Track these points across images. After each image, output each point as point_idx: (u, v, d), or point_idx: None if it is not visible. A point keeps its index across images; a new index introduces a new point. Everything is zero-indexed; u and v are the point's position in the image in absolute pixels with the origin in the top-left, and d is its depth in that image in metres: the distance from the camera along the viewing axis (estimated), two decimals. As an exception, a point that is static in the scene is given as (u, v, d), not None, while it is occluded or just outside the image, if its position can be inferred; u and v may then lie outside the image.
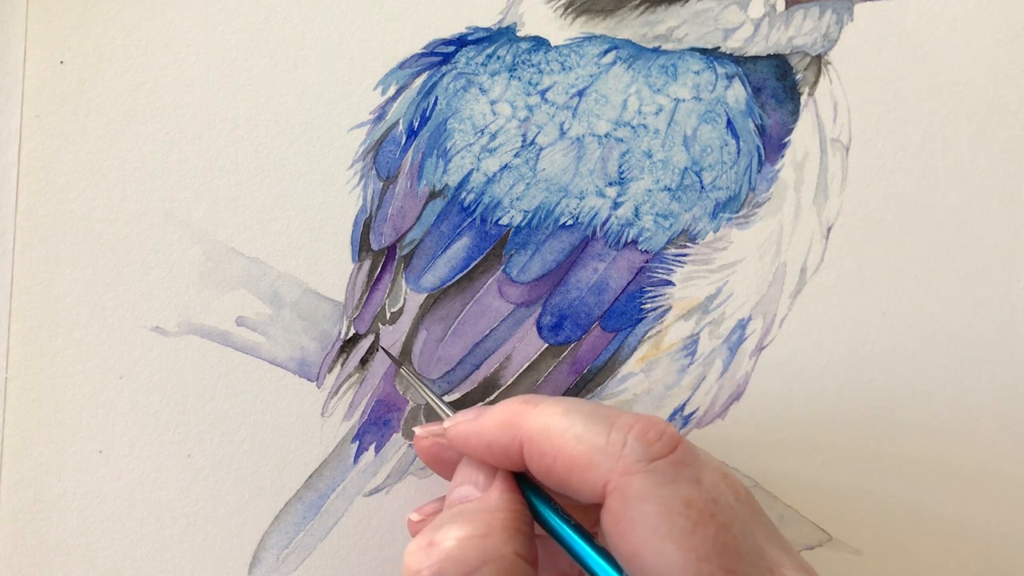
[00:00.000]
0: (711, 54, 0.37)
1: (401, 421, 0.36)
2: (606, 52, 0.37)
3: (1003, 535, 0.37)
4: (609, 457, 0.26)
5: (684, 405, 0.37)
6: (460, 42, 0.37)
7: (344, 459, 0.36)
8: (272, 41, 0.36)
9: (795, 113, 0.37)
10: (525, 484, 0.30)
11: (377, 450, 0.36)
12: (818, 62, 0.37)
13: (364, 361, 0.36)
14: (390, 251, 0.36)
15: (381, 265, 0.36)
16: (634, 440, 0.27)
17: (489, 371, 0.36)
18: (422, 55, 0.37)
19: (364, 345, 0.36)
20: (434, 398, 0.33)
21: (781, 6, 0.37)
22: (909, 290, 0.37)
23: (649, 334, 0.36)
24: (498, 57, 0.37)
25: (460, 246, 0.36)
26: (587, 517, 0.30)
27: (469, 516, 0.28)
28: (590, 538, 0.28)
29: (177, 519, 0.36)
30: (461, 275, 0.36)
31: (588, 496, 0.27)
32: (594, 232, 0.36)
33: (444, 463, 0.32)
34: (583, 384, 0.36)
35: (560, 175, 0.36)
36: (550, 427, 0.28)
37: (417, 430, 0.32)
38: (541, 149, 0.36)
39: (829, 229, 0.37)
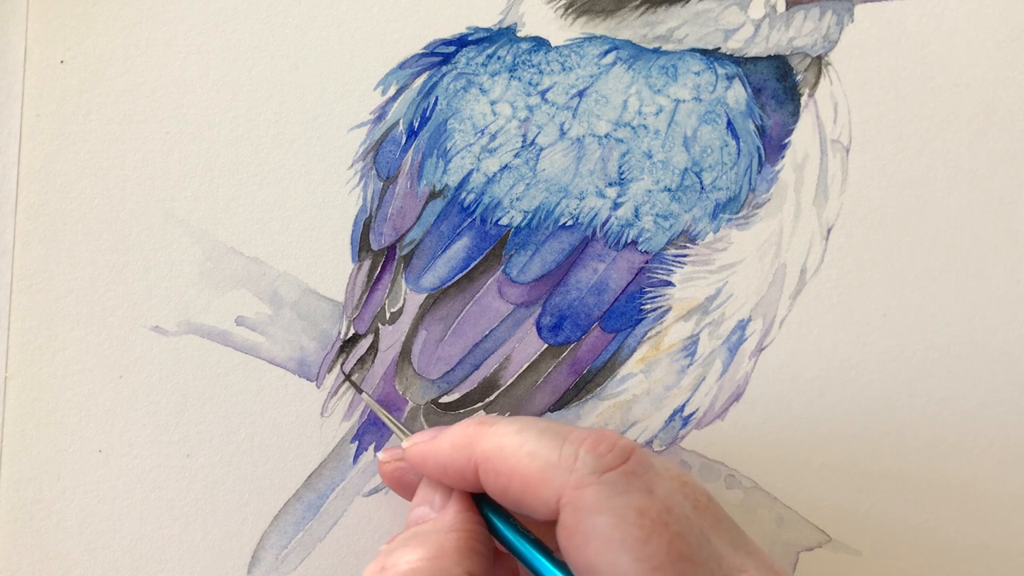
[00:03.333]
0: (711, 55, 0.37)
1: (401, 421, 0.36)
2: (606, 53, 0.37)
3: (1002, 535, 0.37)
4: (561, 471, 0.26)
5: (684, 406, 0.37)
6: (460, 42, 0.37)
7: (343, 459, 0.36)
8: (272, 41, 0.36)
9: (795, 114, 0.37)
10: (484, 503, 0.30)
11: (376, 450, 0.36)
12: (818, 63, 0.37)
13: (363, 361, 0.36)
14: (390, 251, 0.36)
15: (381, 265, 0.36)
16: (585, 453, 0.27)
17: (489, 371, 0.36)
18: (422, 55, 0.37)
19: (364, 345, 0.36)
20: (392, 420, 0.34)
21: (782, 7, 0.37)
22: (909, 291, 0.37)
23: (649, 335, 0.36)
24: (498, 57, 0.37)
25: (460, 246, 0.36)
26: (549, 536, 0.30)
27: (422, 538, 0.28)
28: (549, 553, 0.28)
29: (176, 519, 0.36)
30: (461, 275, 0.36)
31: (543, 512, 0.27)
32: (594, 232, 0.36)
33: (408, 487, 0.32)
34: (583, 385, 0.36)
35: (560, 175, 0.36)
36: (504, 447, 0.28)
37: (380, 455, 0.33)
38: (541, 149, 0.36)
39: (829, 230, 0.37)
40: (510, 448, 0.27)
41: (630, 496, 0.26)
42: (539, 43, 0.37)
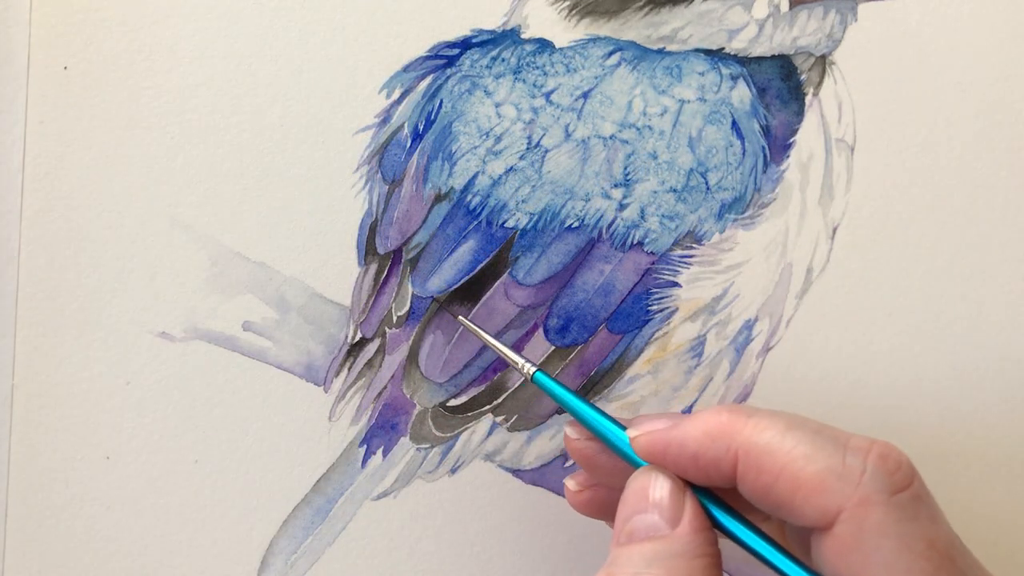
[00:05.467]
0: (715, 55, 0.37)
1: (408, 425, 0.36)
2: (610, 54, 0.37)
3: (1010, 533, 0.37)
4: (846, 483, 0.25)
5: (691, 406, 0.37)
6: (464, 45, 0.37)
7: (352, 463, 0.36)
8: (276, 45, 0.36)
9: (800, 113, 0.37)
10: (710, 501, 0.28)
11: (385, 454, 0.36)
12: (822, 62, 0.37)
13: (371, 364, 0.36)
14: (396, 254, 0.36)
15: (387, 269, 0.36)
16: (874, 467, 0.25)
17: (496, 374, 0.36)
18: (427, 58, 0.37)
19: (371, 349, 0.36)
20: (507, 351, 0.33)
21: (785, 6, 0.37)
22: (914, 290, 0.37)
23: (656, 335, 0.36)
24: (503, 59, 0.37)
25: (466, 249, 0.36)
26: (774, 532, 0.29)
27: (666, 565, 0.26)
28: (793, 556, 0.27)
29: (185, 524, 0.36)
30: (467, 278, 0.36)
31: (811, 520, 0.25)
32: (600, 234, 0.36)
33: (598, 468, 0.30)
34: (590, 386, 0.36)
35: (565, 177, 0.36)
36: (773, 443, 0.26)
37: (568, 429, 0.31)
38: (546, 151, 0.36)
39: (834, 229, 0.37)
40: (782, 447, 0.26)
41: (919, 524, 0.25)
42: (543, 45, 0.37)
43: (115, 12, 0.36)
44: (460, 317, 0.35)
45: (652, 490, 0.27)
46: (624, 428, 0.29)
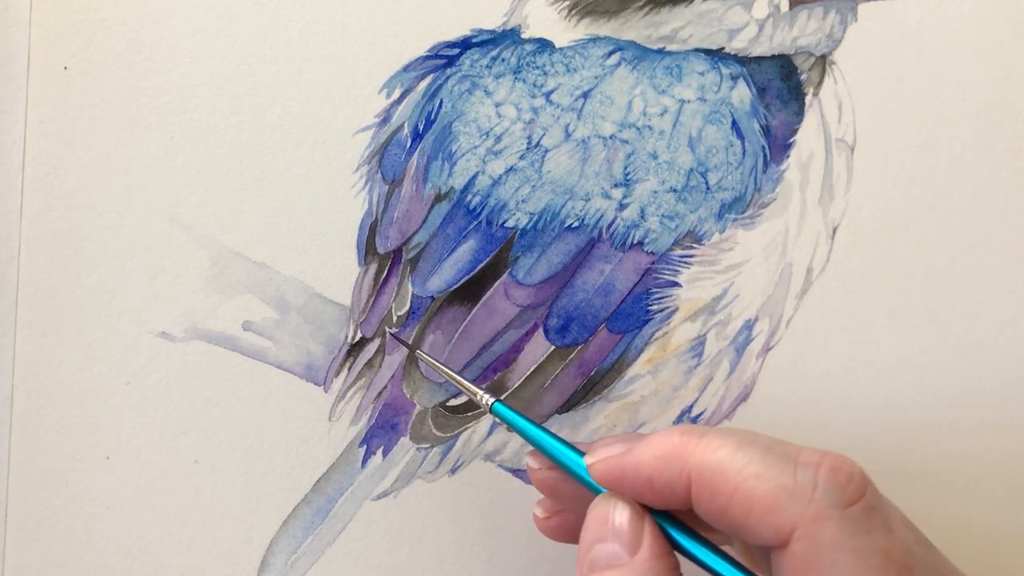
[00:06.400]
0: (715, 55, 0.37)
1: (408, 425, 0.36)
2: (611, 54, 0.37)
3: (1008, 535, 0.37)
4: (798, 499, 0.25)
5: (691, 406, 0.37)
6: (464, 45, 0.37)
7: (352, 463, 0.36)
8: (276, 45, 0.36)
9: (800, 113, 0.37)
10: (668, 523, 0.28)
11: (385, 454, 0.36)
12: (822, 62, 0.37)
13: (371, 364, 0.36)
14: (396, 254, 0.36)
15: (387, 269, 0.36)
16: (825, 482, 0.25)
17: (496, 374, 0.36)
18: (427, 58, 0.37)
19: (371, 349, 0.36)
20: (463, 381, 0.33)
21: (785, 6, 0.37)
22: (914, 290, 0.37)
23: (656, 335, 0.36)
24: (503, 59, 0.37)
25: (466, 249, 0.36)
26: (743, 555, 0.29)
27: None
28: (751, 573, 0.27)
29: (185, 524, 0.36)
30: (467, 278, 0.36)
31: (767, 539, 0.25)
32: (600, 234, 0.36)
33: (562, 496, 0.30)
34: (590, 386, 0.36)
35: (565, 177, 0.36)
36: (724, 463, 0.26)
37: (529, 460, 0.31)
38: (546, 151, 0.36)
39: (835, 229, 0.37)
40: (733, 466, 0.26)
41: (873, 535, 0.25)
42: (543, 45, 0.37)
43: (115, 12, 0.36)
44: (419, 352, 0.35)
45: (611, 517, 0.28)
46: (582, 454, 0.29)
